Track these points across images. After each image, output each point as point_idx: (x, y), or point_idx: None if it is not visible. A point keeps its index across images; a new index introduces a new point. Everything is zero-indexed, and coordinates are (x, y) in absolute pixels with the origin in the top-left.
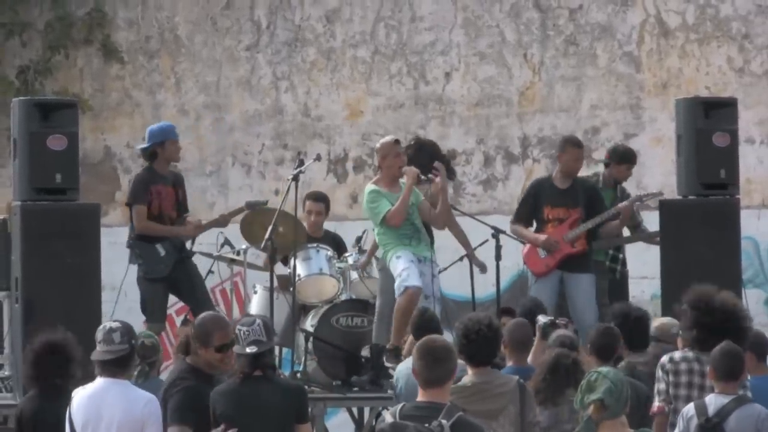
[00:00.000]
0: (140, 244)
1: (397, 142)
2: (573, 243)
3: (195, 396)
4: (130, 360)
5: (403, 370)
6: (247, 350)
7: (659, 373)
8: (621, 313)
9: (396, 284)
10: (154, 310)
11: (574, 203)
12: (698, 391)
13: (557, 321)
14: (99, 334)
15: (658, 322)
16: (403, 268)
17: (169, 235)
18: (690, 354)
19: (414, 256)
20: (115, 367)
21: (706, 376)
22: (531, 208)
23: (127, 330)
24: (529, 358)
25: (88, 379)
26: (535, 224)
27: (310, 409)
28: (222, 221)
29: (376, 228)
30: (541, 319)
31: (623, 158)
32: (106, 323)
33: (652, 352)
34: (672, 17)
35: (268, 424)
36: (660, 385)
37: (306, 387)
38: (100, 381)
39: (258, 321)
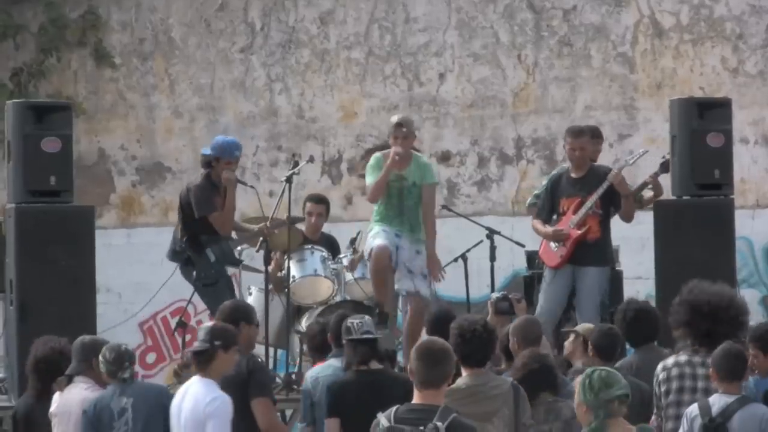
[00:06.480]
0: (191, 251)
1: (399, 125)
2: (579, 227)
3: None
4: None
5: (314, 375)
6: (363, 336)
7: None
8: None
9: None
10: None
11: (589, 190)
12: (689, 395)
13: (509, 296)
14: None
15: None
16: (372, 236)
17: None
18: (682, 358)
19: (389, 228)
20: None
21: (697, 378)
22: (549, 204)
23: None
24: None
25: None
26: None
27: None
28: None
29: None
30: (494, 295)
31: None
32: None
33: None
34: (666, 18)
35: None
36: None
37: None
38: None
39: (366, 317)
